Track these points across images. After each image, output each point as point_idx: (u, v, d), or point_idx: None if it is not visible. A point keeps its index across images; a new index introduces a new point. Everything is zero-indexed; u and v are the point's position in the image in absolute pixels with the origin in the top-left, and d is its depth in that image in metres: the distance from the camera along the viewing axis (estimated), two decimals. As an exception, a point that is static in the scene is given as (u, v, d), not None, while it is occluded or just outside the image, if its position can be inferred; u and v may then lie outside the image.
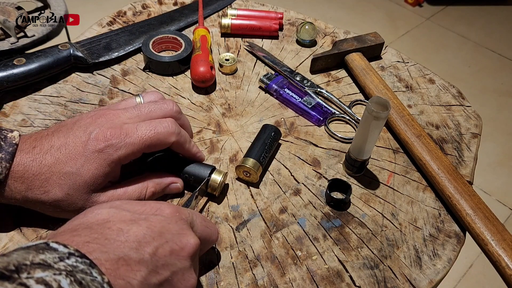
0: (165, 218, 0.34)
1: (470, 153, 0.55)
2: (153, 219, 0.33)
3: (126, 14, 0.72)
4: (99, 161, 0.39)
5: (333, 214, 0.47)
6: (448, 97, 0.62)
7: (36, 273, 0.24)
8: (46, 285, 0.23)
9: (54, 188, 0.39)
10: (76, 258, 0.26)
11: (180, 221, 0.35)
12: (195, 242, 0.34)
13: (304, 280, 0.41)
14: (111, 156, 0.40)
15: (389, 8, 2.28)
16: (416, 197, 0.50)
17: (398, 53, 0.69)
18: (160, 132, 0.42)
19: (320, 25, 0.73)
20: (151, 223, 0.32)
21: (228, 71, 0.63)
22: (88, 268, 0.26)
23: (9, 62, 0.54)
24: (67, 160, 0.39)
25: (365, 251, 0.44)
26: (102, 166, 0.40)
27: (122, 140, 0.40)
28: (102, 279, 0.26)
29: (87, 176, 0.39)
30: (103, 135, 0.40)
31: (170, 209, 0.35)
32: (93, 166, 0.39)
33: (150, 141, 0.41)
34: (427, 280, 0.42)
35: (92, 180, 0.40)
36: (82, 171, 0.39)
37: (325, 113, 0.57)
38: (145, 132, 0.41)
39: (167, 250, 0.32)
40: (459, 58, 2.00)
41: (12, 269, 0.23)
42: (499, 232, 0.44)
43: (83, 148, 0.39)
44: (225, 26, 0.68)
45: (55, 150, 0.39)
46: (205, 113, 0.57)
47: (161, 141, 0.42)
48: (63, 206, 0.40)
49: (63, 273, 0.25)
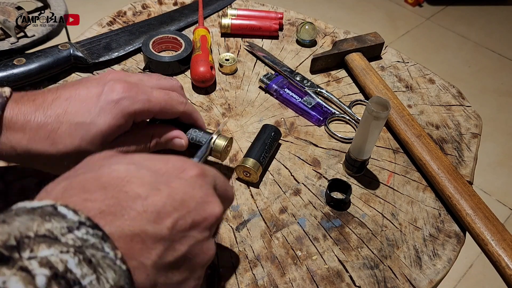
0: (189, 182, 0.30)
1: (470, 153, 0.55)
2: (175, 183, 0.29)
3: (126, 14, 0.72)
4: (116, 111, 0.37)
5: (333, 214, 0.47)
6: (448, 97, 0.62)
7: (41, 250, 0.21)
8: (51, 268, 0.20)
9: (64, 139, 0.36)
10: (87, 229, 0.23)
11: (205, 186, 0.31)
12: (220, 210, 0.31)
13: (304, 280, 0.41)
14: (128, 108, 0.38)
15: (389, 8, 2.28)
16: (416, 197, 0.50)
17: (398, 53, 0.69)
18: (173, 98, 0.41)
19: (320, 25, 0.73)
20: (172, 189, 0.28)
21: (228, 71, 0.63)
22: (100, 242, 0.23)
23: (9, 62, 0.54)
24: (79, 110, 0.37)
25: (365, 251, 0.44)
26: (118, 117, 0.38)
27: (139, 95, 0.39)
28: (115, 255, 0.23)
29: (103, 126, 0.37)
30: (119, 87, 0.38)
31: (195, 171, 0.31)
32: (109, 116, 0.37)
33: (164, 104, 0.40)
34: (427, 280, 0.42)
35: (108, 132, 0.37)
36: (97, 121, 0.37)
37: (325, 113, 0.57)
38: (160, 95, 0.40)
39: (188, 222, 0.28)
40: (459, 58, 2.00)
41: (13, 244, 0.20)
42: (499, 232, 0.44)
43: (97, 98, 0.37)
44: (225, 26, 0.68)
45: (63, 100, 0.37)
46: (205, 113, 0.57)
47: (173, 107, 0.41)
48: (71, 161, 0.36)
49: (71, 249, 0.22)
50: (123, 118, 0.38)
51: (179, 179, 0.30)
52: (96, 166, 0.29)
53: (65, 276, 0.20)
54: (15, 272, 0.19)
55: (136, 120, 0.40)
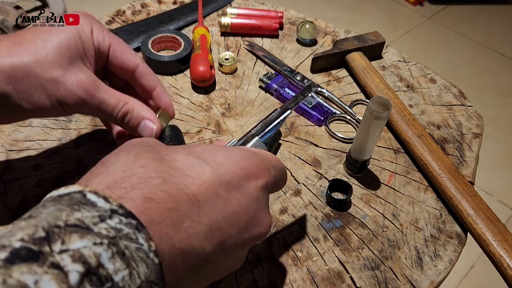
0: (249, 195, 0.28)
1: (471, 153, 0.54)
2: (235, 194, 0.27)
3: (125, 13, 0.72)
4: (79, 25, 0.37)
5: (334, 215, 0.47)
6: (449, 97, 0.62)
7: (73, 242, 0.19)
8: (84, 263, 0.18)
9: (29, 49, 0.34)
10: (120, 218, 0.21)
11: (263, 200, 0.29)
12: (266, 230, 0.29)
13: (305, 281, 0.41)
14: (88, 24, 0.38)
15: (390, 7, 2.28)
16: (417, 198, 0.49)
17: (399, 52, 0.69)
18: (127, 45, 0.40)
19: (321, 24, 0.73)
20: (230, 200, 0.26)
21: (228, 70, 0.62)
22: (134, 232, 0.21)
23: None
24: (43, 27, 0.36)
25: (366, 252, 0.44)
26: (81, 30, 0.37)
27: (95, 19, 0.39)
28: (149, 246, 0.22)
29: (68, 36, 0.36)
30: (80, 11, 0.39)
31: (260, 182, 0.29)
32: (73, 28, 0.36)
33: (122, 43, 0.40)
34: (428, 281, 0.42)
35: (74, 42, 0.36)
36: (62, 30, 0.36)
37: (325, 113, 0.57)
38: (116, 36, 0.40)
39: (234, 242, 0.27)
40: (460, 57, 2.00)
41: (42, 235, 0.19)
42: (501, 233, 0.44)
43: (59, 20, 0.37)
44: (225, 25, 0.68)
45: (31, 30, 0.36)
46: (205, 113, 0.57)
47: (130, 53, 0.40)
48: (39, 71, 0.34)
49: (105, 241, 0.20)
50: (84, 32, 0.37)
51: (240, 188, 0.27)
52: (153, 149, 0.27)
53: (97, 272, 0.19)
54: (47, 270, 0.17)
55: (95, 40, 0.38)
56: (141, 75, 0.41)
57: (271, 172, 0.31)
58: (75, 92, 0.35)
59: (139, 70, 0.41)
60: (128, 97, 0.39)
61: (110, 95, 0.37)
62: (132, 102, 0.39)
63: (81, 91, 0.35)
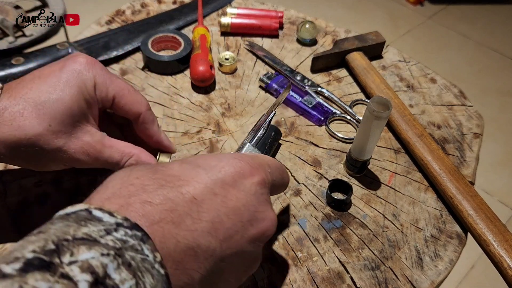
0: (247, 191, 0.28)
1: (471, 153, 0.54)
2: (233, 191, 0.27)
3: (125, 13, 0.72)
4: (80, 83, 0.36)
5: (334, 215, 0.47)
6: (450, 97, 0.62)
7: (81, 253, 0.20)
8: (92, 273, 0.19)
9: (32, 121, 0.33)
10: (125, 230, 0.22)
11: (262, 195, 0.29)
12: (272, 224, 0.29)
13: (305, 281, 0.41)
14: (91, 79, 0.36)
15: (390, 7, 2.28)
16: (418, 198, 0.49)
17: (399, 52, 0.69)
18: (138, 94, 0.40)
19: (321, 24, 0.73)
20: (229, 196, 0.27)
21: (228, 70, 0.62)
22: (139, 244, 0.22)
23: (8, 62, 0.54)
24: (43, 87, 0.35)
25: (366, 252, 0.44)
26: (83, 91, 0.36)
27: (102, 69, 0.38)
28: (154, 257, 0.22)
29: (70, 102, 0.35)
30: (82, 57, 0.37)
31: (256, 178, 0.29)
32: (74, 90, 0.35)
33: (127, 91, 0.38)
34: (429, 281, 0.42)
35: (77, 107, 0.35)
36: (64, 96, 0.35)
37: (325, 112, 0.57)
38: (124, 83, 0.39)
39: (240, 237, 0.27)
40: (461, 57, 2.00)
41: (52, 248, 0.19)
42: (501, 233, 0.44)
43: (60, 72, 0.35)
44: (225, 25, 0.67)
45: (28, 82, 0.35)
46: (205, 112, 0.57)
47: (134, 101, 0.39)
48: (42, 143, 0.34)
49: (111, 252, 0.21)
50: (87, 91, 0.36)
51: (236, 185, 0.28)
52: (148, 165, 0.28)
53: (104, 282, 0.19)
54: (58, 280, 0.18)
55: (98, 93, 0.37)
56: (142, 123, 0.41)
57: (266, 169, 0.31)
58: (78, 158, 0.36)
59: (141, 119, 0.41)
60: (132, 149, 0.40)
61: (114, 151, 0.38)
62: (135, 155, 0.40)
63: (84, 156, 0.37)
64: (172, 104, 0.57)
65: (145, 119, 0.41)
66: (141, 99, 0.40)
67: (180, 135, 0.53)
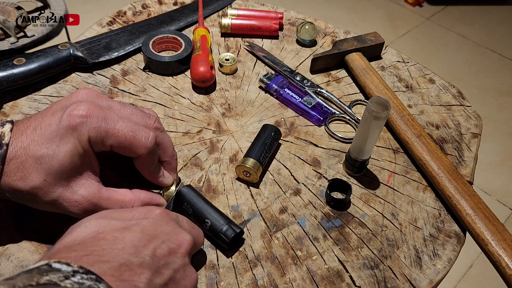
0: (156, 220, 0.34)
1: (470, 153, 0.55)
2: (144, 223, 0.33)
3: (126, 14, 0.72)
4: (74, 140, 0.36)
5: (333, 214, 0.47)
6: (448, 97, 0.62)
7: None
8: None
9: (31, 174, 0.36)
10: (81, 275, 0.26)
11: (170, 221, 0.35)
12: (190, 238, 0.35)
13: (304, 280, 0.41)
14: (84, 135, 0.36)
15: (389, 8, 2.28)
16: (416, 197, 0.50)
17: (398, 53, 0.69)
18: (138, 138, 0.38)
19: (320, 25, 0.73)
20: (143, 227, 0.33)
21: (228, 71, 0.63)
22: (95, 283, 0.26)
23: (9, 62, 0.54)
24: (42, 141, 0.36)
25: (365, 251, 0.44)
26: (76, 147, 0.36)
27: (99, 122, 0.36)
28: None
29: (64, 159, 0.36)
30: (80, 111, 0.36)
31: (158, 211, 0.36)
32: (68, 147, 0.36)
33: (123, 139, 0.37)
34: (427, 280, 0.42)
35: (70, 163, 0.36)
36: (58, 153, 0.35)
37: (325, 113, 0.57)
38: (124, 128, 0.37)
39: (165, 250, 0.32)
40: (459, 58, 2.00)
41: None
42: (499, 232, 0.44)
43: (57, 125, 0.36)
44: (225, 26, 0.68)
45: (31, 131, 0.36)
46: (205, 113, 0.57)
47: (133, 146, 0.38)
48: (40, 194, 0.36)
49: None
50: (82, 147, 0.37)
51: (146, 219, 0.34)
52: (68, 232, 0.32)
53: None
54: None
55: (95, 149, 0.38)
56: (139, 165, 0.41)
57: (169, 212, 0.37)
58: (74, 212, 0.38)
59: (138, 161, 0.41)
60: (131, 196, 0.41)
61: (111, 202, 0.39)
62: (136, 201, 0.41)
63: (79, 210, 0.38)
64: (173, 104, 0.58)
65: (142, 163, 0.41)
66: (140, 143, 0.38)
67: (181, 135, 0.54)
